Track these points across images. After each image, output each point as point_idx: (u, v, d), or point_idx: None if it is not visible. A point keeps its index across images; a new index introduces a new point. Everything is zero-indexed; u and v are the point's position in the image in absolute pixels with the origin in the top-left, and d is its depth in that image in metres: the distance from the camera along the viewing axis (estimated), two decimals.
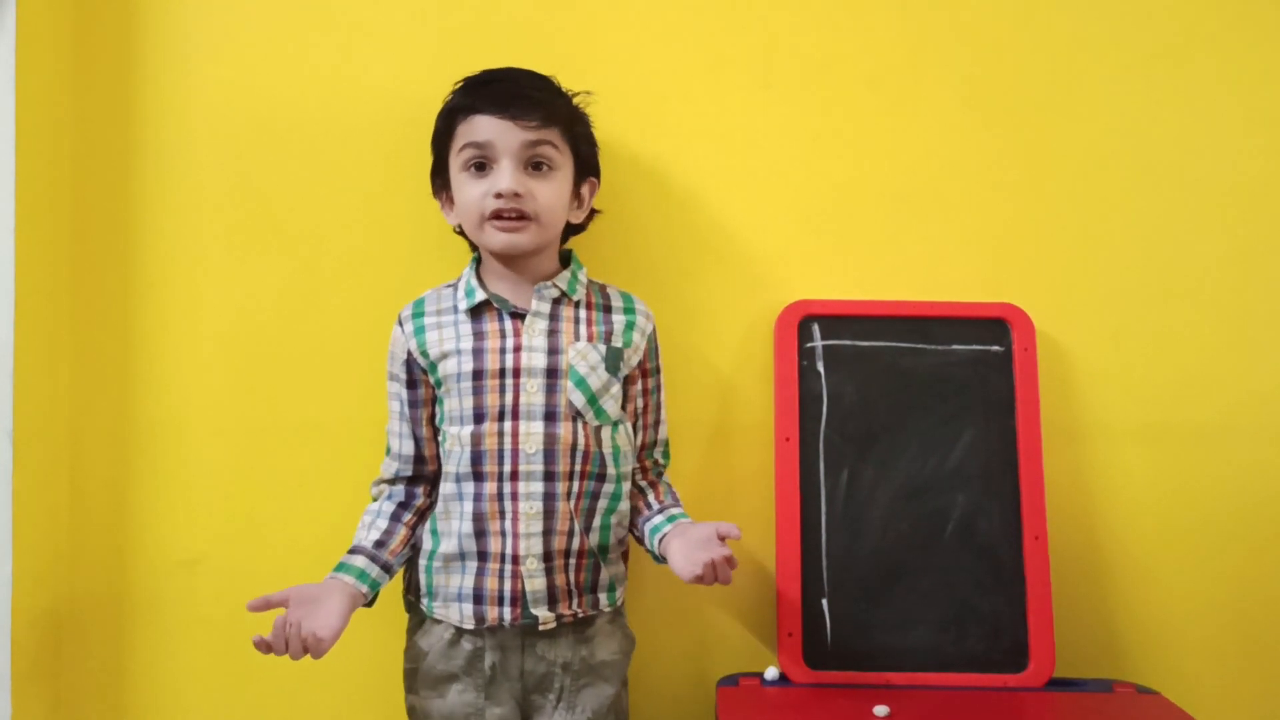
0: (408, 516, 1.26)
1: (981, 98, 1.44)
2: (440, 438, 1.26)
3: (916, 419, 1.38)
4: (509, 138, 1.20)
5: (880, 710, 1.22)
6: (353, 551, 1.23)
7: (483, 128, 1.20)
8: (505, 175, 1.20)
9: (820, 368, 1.39)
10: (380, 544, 1.23)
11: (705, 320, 1.43)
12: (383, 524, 1.25)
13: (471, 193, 1.21)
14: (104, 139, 1.41)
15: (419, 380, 1.26)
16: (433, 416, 1.27)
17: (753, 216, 1.43)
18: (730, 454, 1.42)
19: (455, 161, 1.23)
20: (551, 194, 1.23)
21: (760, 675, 1.34)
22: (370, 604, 1.22)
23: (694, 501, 1.42)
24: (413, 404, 1.27)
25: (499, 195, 1.19)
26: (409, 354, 1.26)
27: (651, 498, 1.31)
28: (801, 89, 1.43)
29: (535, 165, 1.22)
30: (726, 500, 1.43)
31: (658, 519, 1.27)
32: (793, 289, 1.42)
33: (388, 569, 1.23)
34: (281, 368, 1.42)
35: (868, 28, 1.43)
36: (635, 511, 1.31)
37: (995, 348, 1.39)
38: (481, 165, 1.21)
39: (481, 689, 1.22)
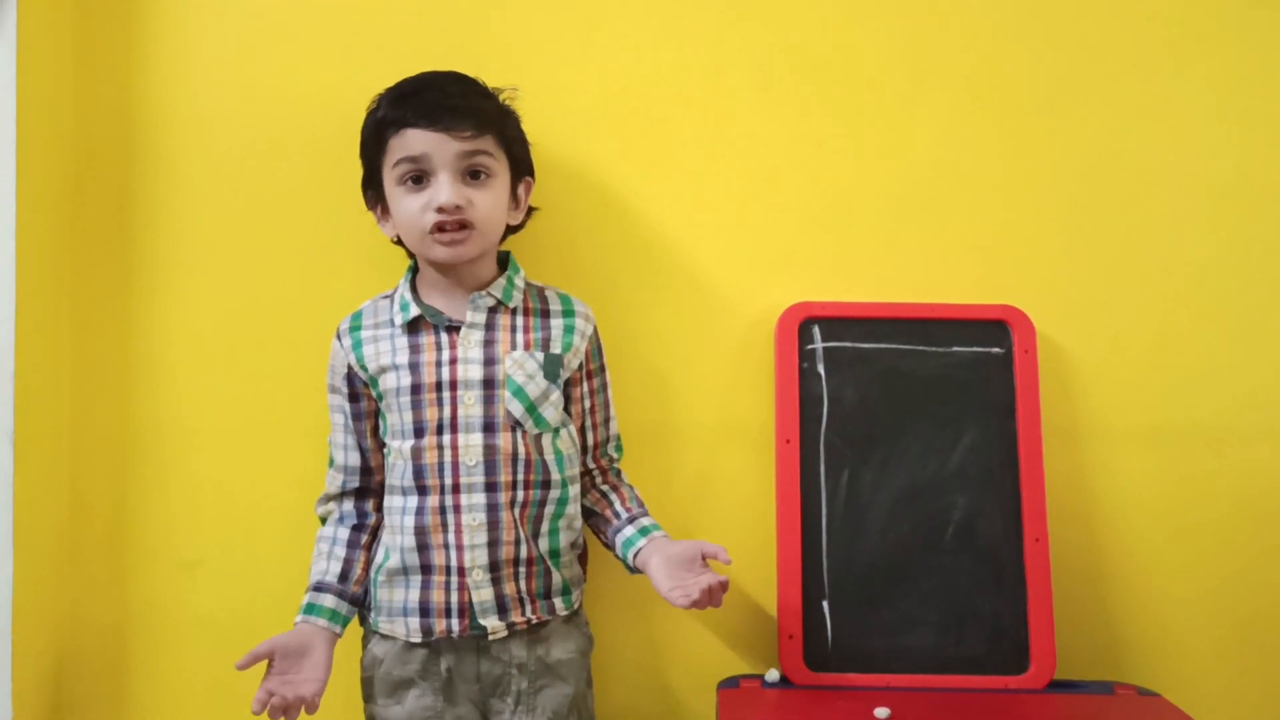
0: (364, 539, 1.26)
1: (981, 100, 1.44)
2: (385, 451, 1.26)
3: (917, 421, 1.37)
4: (444, 150, 1.19)
5: (881, 712, 1.22)
6: (319, 589, 1.22)
7: (415, 141, 1.19)
8: (444, 189, 1.19)
9: (821, 370, 1.39)
10: (344, 576, 1.24)
11: (706, 322, 1.43)
12: (341, 552, 1.25)
13: (410, 207, 1.20)
14: (104, 141, 1.41)
15: (361, 393, 1.26)
16: (376, 428, 1.27)
17: (753, 218, 1.43)
18: (731, 456, 1.42)
19: (390, 175, 1.22)
20: (490, 202, 1.22)
21: (761, 677, 1.34)
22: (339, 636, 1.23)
23: (694, 504, 1.42)
24: (356, 416, 1.27)
25: (440, 209, 1.19)
26: (349, 368, 1.25)
27: (618, 505, 1.31)
28: (802, 91, 1.43)
29: (472, 174, 1.21)
30: (727, 502, 1.43)
31: (629, 531, 1.27)
32: (793, 291, 1.42)
33: (355, 602, 1.24)
34: (282, 370, 1.42)
35: (868, 30, 1.43)
36: (602, 519, 1.31)
37: (995, 349, 1.39)
38: (418, 178, 1.20)
39: (439, 692, 1.22)
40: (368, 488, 1.28)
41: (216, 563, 1.43)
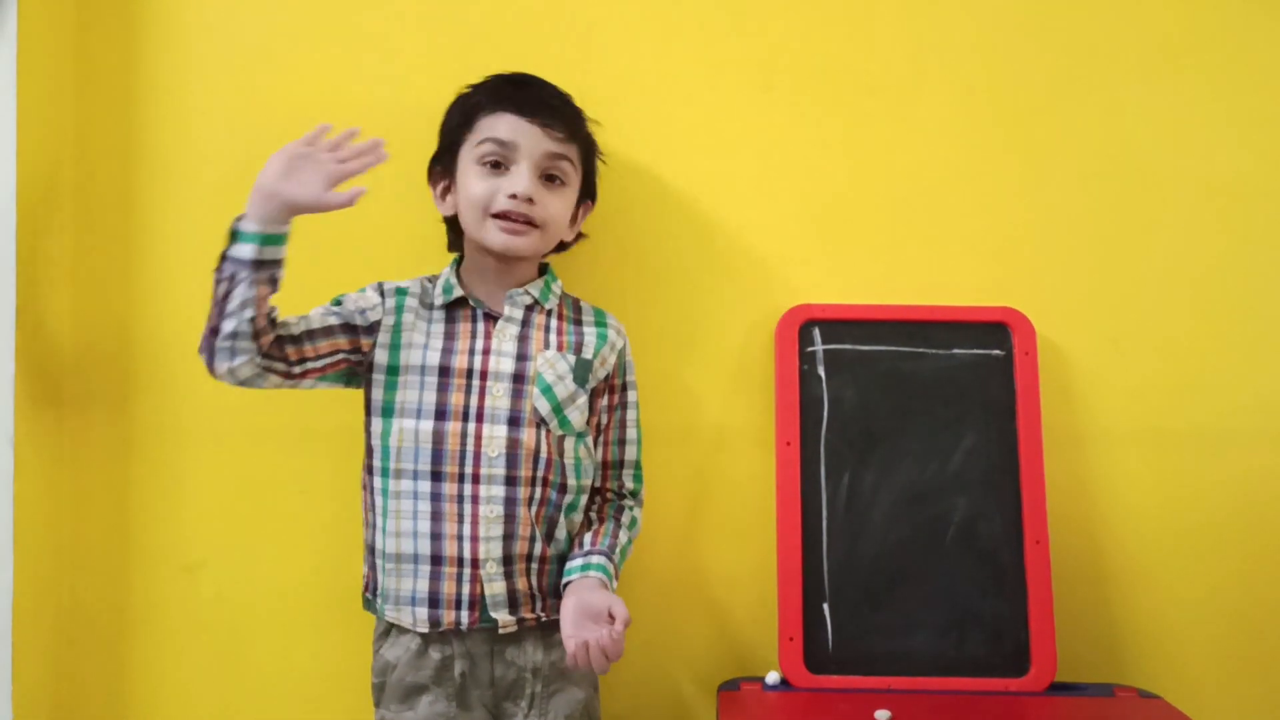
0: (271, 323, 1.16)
1: (982, 102, 1.44)
2: (380, 429, 1.22)
3: (917, 423, 1.37)
4: (534, 143, 1.21)
5: (882, 715, 1.22)
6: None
7: (508, 127, 1.21)
8: (523, 178, 1.20)
9: (821, 372, 1.39)
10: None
11: (706, 325, 1.43)
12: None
13: (480, 187, 1.22)
14: (105, 142, 1.42)
15: (360, 337, 1.21)
16: (328, 357, 1.20)
17: (753, 221, 1.43)
18: (731, 459, 1.42)
19: (470, 153, 1.23)
20: (561, 206, 1.24)
21: (761, 680, 1.34)
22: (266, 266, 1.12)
23: (695, 505, 1.42)
24: (342, 330, 1.20)
25: (513, 196, 1.20)
26: (379, 321, 1.22)
27: (588, 536, 1.25)
28: (803, 93, 1.44)
29: (549, 177, 1.23)
30: (727, 505, 1.43)
31: (577, 560, 1.21)
32: (793, 293, 1.42)
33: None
34: None
35: (869, 32, 1.44)
36: (583, 529, 1.27)
37: (996, 352, 1.39)
38: (498, 164, 1.22)
39: (453, 698, 1.21)
40: (283, 342, 1.17)
41: (216, 566, 1.42)
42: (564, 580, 1.21)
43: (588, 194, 1.31)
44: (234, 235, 1.13)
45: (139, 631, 1.43)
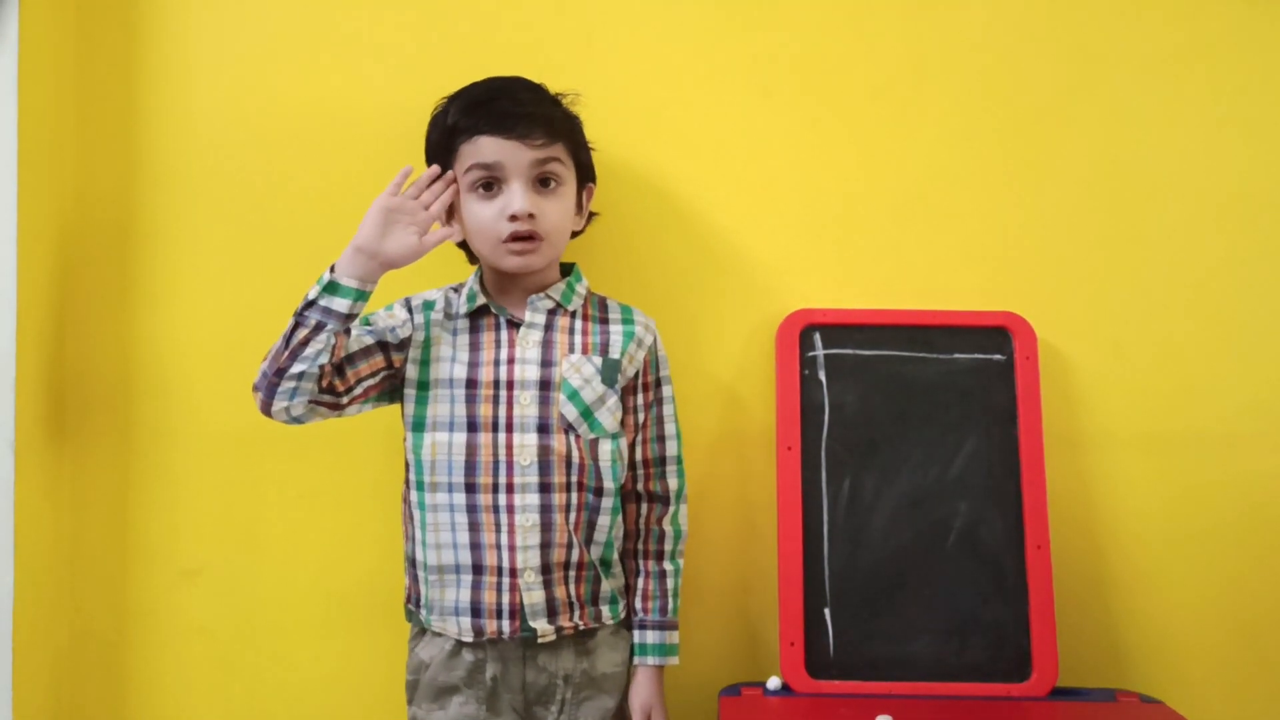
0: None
1: (983, 106, 1.44)
2: (413, 443, 1.23)
3: (918, 428, 1.37)
4: (517, 158, 1.21)
5: None
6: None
7: (489, 149, 1.21)
8: (518, 197, 1.20)
9: (822, 377, 1.39)
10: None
11: (707, 329, 1.43)
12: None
13: (484, 214, 1.22)
14: (106, 145, 1.42)
15: (393, 353, 1.23)
16: (370, 379, 1.21)
17: (754, 225, 1.43)
18: (732, 463, 1.42)
19: (462, 181, 1.23)
20: (560, 211, 1.24)
21: (762, 685, 1.34)
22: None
23: (696, 510, 1.41)
24: (379, 349, 1.21)
25: (513, 218, 1.20)
26: (409, 337, 1.24)
27: (637, 600, 1.28)
28: (803, 97, 1.43)
29: (543, 182, 1.23)
30: (729, 509, 1.43)
31: (635, 636, 1.28)
32: (794, 298, 1.42)
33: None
34: None
35: (869, 36, 1.44)
36: (631, 570, 1.30)
37: (997, 356, 1.39)
38: (489, 185, 1.22)
39: (483, 700, 1.22)
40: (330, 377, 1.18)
41: (216, 571, 1.42)
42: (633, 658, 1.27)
43: (587, 177, 1.30)
44: (332, 287, 1.16)
45: (139, 636, 1.43)
